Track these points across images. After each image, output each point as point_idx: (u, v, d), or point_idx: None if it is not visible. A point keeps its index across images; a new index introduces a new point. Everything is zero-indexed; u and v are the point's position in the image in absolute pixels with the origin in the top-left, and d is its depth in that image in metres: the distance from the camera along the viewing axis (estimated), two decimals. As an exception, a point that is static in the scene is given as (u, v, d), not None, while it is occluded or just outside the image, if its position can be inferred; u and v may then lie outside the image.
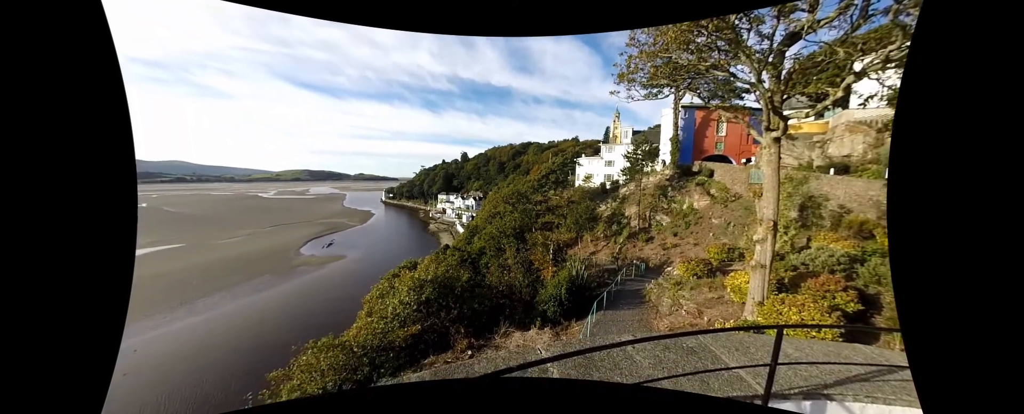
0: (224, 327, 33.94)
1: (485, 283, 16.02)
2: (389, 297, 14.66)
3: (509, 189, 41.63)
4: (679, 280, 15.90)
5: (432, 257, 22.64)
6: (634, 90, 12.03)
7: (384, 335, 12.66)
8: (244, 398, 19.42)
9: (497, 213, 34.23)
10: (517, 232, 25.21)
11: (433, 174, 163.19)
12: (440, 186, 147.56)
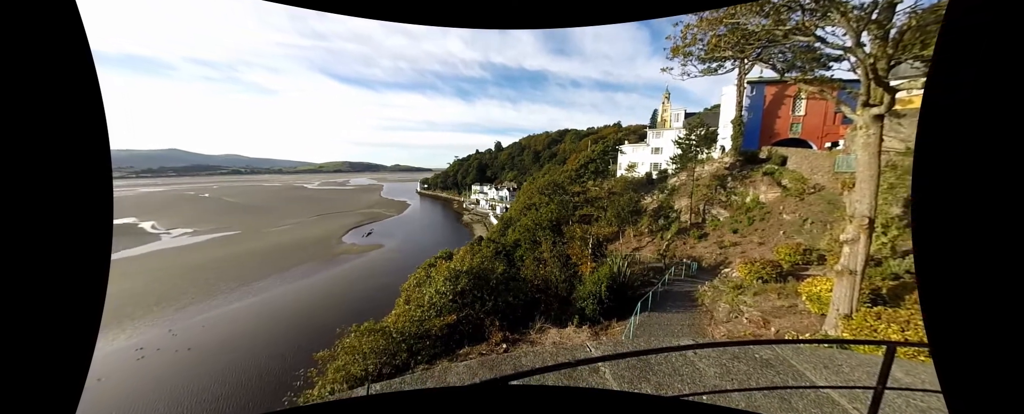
0: (276, 308, 38.22)
1: (520, 276, 16.13)
2: (426, 286, 15.33)
3: (544, 179, 41.14)
4: (740, 283, 14.63)
5: (467, 248, 23.34)
6: (690, 65, 10.95)
7: (421, 323, 13.33)
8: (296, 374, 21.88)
9: (532, 204, 33.99)
10: (553, 225, 24.88)
11: (467, 165, 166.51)
12: (473, 177, 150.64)
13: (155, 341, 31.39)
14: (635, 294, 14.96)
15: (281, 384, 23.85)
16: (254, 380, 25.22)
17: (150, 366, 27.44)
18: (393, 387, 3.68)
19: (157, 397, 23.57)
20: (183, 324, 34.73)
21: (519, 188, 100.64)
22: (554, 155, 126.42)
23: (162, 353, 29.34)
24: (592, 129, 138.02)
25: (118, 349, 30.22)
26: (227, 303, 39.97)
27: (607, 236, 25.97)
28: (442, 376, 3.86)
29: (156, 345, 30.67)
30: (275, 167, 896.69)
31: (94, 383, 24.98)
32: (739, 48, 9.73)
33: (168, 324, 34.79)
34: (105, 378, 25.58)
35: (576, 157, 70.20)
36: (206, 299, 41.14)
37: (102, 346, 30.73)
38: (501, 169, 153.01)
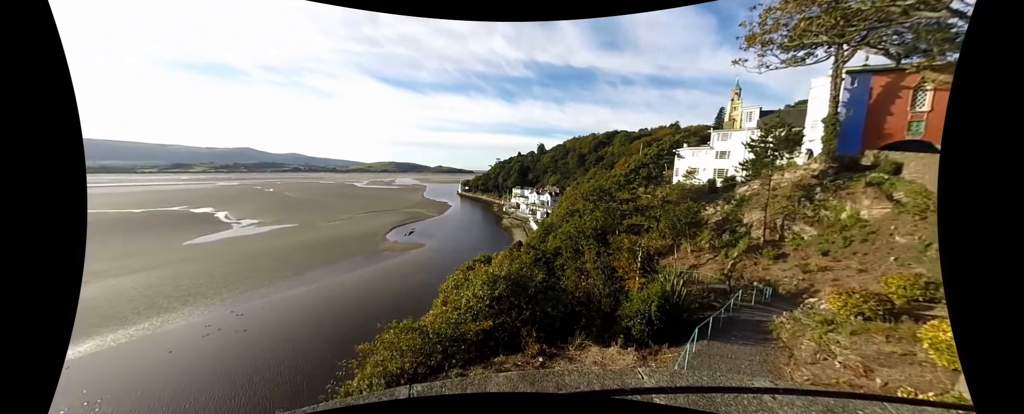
0: (325, 298, 41.77)
1: (559, 286, 15.70)
2: (463, 289, 15.62)
3: (590, 184, 39.93)
4: (831, 318, 12.63)
5: (505, 253, 23.46)
6: (770, 55, 9.85)
7: (457, 326, 13.56)
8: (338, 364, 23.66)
9: (575, 211, 33.05)
10: (598, 233, 23.78)
11: (508, 167, 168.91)
12: (515, 179, 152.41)
13: (220, 320, 36.02)
14: (692, 318, 13.72)
15: (326, 370, 25.93)
16: (303, 364, 27.74)
17: (214, 343, 31.51)
18: (434, 390, 3.69)
19: (218, 372, 26.97)
20: (245, 306, 39.42)
21: (561, 193, 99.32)
22: (601, 159, 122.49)
23: (224, 332, 33.53)
24: (644, 131, 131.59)
25: (189, 325, 35.21)
26: (283, 290, 44.63)
27: (659, 249, 24.22)
28: (482, 385, 3.78)
29: (221, 324, 35.18)
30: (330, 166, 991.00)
31: (166, 355, 29.33)
32: (837, 31, 8.46)
33: (232, 306, 39.74)
34: (176, 351, 29.96)
35: (625, 161, 67.37)
36: (266, 285, 46.37)
37: (176, 321, 36.07)
38: (543, 172, 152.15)
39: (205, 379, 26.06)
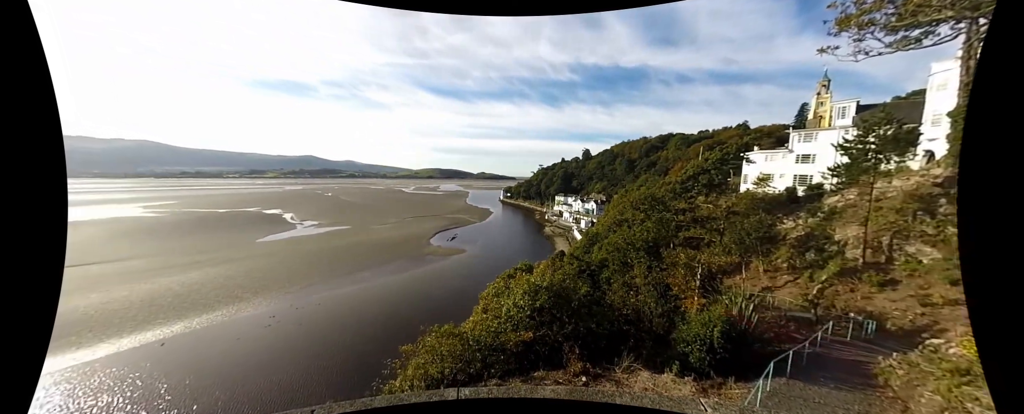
0: (373, 298, 44.54)
1: (605, 301, 14.87)
2: (504, 297, 15.57)
3: (640, 192, 37.71)
4: (966, 367, 10.21)
5: (548, 263, 22.97)
6: (870, 38, 8.38)
7: (497, 335, 13.50)
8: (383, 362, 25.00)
9: (624, 220, 31.10)
10: (650, 246, 21.95)
11: (551, 174, 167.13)
12: (558, 186, 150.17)
13: (281, 312, 40.03)
14: (765, 350, 12.09)
15: (371, 367, 27.53)
16: (350, 360, 29.74)
17: (274, 334, 35.01)
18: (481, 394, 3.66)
19: (274, 361, 29.86)
20: (303, 301, 43.45)
21: (608, 201, 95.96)
22: (653, 164, 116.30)
23: (283, 324, 37.12)
24: (705, 132, 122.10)
25: (256, 315, 39.59)
26: (337, 287, 48.51)
27: (723, 267, 21.79)
28: (528, 394, 3.67)
29: (281, 316, 39.09)
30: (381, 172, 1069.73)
31: (233, 342, 33.21)
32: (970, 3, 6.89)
33: (292, 300, 44.02)
34: (242, 339, 33.79)
35: (681, 166, 62.98)
36: (322, 282, 50.80)
37: (247, 310, 40.79)
38: (588, 179, 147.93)
39: (264, 367, 29.00)
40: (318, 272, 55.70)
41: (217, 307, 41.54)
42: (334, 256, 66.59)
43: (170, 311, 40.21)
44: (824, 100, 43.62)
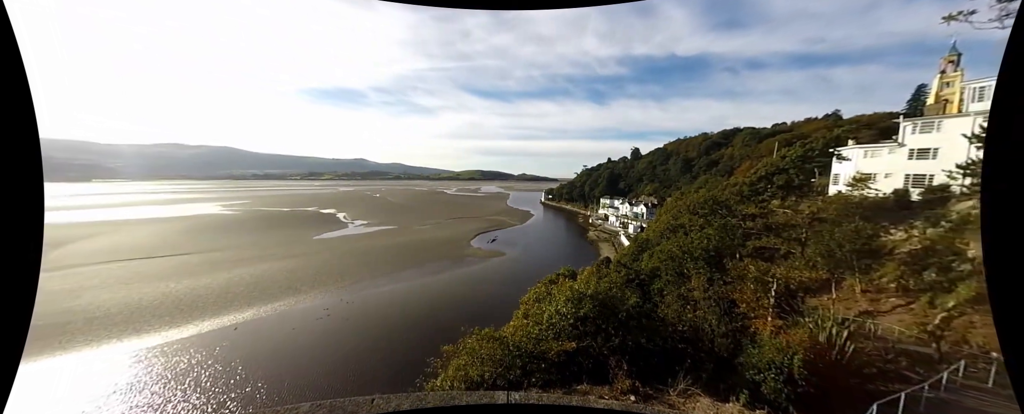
0: (415, 297, 46.63)
1: (656, 314, 13.94)
2: (545, 303, 15.39)
3: (699, 195, 34.52)
4: None
5: (592, 269, 22.14)
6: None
7: (538, 342, 13.36)
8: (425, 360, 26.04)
9: (679, 226, 28.60)
10: (710, 256, 19.66)
11: (596, 175, 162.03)
12: (603, 188, 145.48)
13: (332, 306, 43.37)
14: (864, 387, 10.28)
15: (412, 363, 28.86)
16: (393, 356, 31.41)
17: (324, 326, 37.98)
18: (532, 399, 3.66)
19: (325, 352, 32.37)
20: (352, 296, 46.75)
21: (660, 204, 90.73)
22: (714, 163, 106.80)
23: (334, 318, 40.16)
24: (781, 126, 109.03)
25: (311, 307, 43.28)
26: (383, 285, 51.56)
27: (806, 284, 18.58)
28: (582, 402, 3.61)
29: (333, 310, 42.34)
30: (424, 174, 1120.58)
31: (291, 331, 36.56)
32: None
33: (343, 294, 47.53)
34: (297, 329, 37.08)
35: (751, 166, 57.22)
36: (369, 279, 54.33)
37: (304, 302, 44.79)
38: (638, 180, 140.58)
39: (316, 355, 31.58)
40: (366, 269, 59.66)
41: (280, 297, 46.20)
42: (380, 255, 70.90)
43: (242, 299, 45.52)
44: (951, 79, 35.51)
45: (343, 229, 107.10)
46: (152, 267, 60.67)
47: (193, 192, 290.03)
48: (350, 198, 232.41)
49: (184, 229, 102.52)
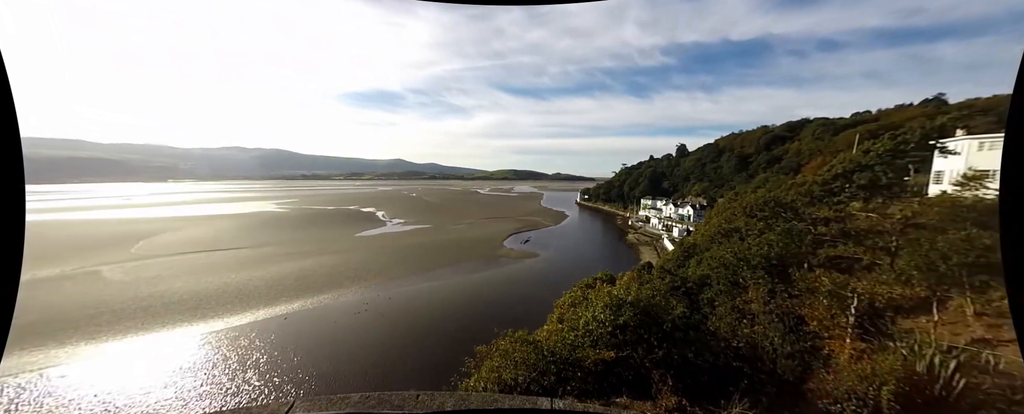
0: (448, 295, 47.72)
1: (706, 327, 12.92)
2: (582, 308, 14.99)
3: (758, 195, 31.29)
4: None
5: (632, 274, 21.15)
6: None
7: (574, 349, 13.04)
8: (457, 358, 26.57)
9: (733, 230, 26.05)
10: (772, 264, 17.34)
11: (636, 174, 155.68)
12: (644, 188, 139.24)
13: (370, 302, 45.54)
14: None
15: (445, 362, 29.60)
16: (426, 353, 32.39)
17: (362, 321, 39.91)
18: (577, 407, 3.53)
19: (362, 347, 34.01)
20: (389, 293, 48.83)
21: (710, 205, 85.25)
22: (776, 160, 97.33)
23: (371, 313, 42.11)
24: (862, 115, 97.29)
25: (351, 302, 45.73)
26: (417, 283, 53.38)
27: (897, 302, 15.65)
28: None
29: (370, 305, 44.46)
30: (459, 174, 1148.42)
31: (333, 324, 38.80)
32: None
33: (380, 290, 49.78)
34: (338, 323, 39.27)
35: (822, 162, 51.18)
36: (405, 276, 56.49)
37: (345, 297, 47.44)
38: (684, 180, 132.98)
39: (355, 348, 33.30)
40: (403, 267, 62.12)
41: (324, 291, 49.41)
42: (416, 253, 73.47)
43: (291, 291, 49.27)
44: None
45: (382, 227, 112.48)
46: (216, 259, 67.60)
47: (251, 191, 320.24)
48: (388, 197, 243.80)
49: (243, 225, 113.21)
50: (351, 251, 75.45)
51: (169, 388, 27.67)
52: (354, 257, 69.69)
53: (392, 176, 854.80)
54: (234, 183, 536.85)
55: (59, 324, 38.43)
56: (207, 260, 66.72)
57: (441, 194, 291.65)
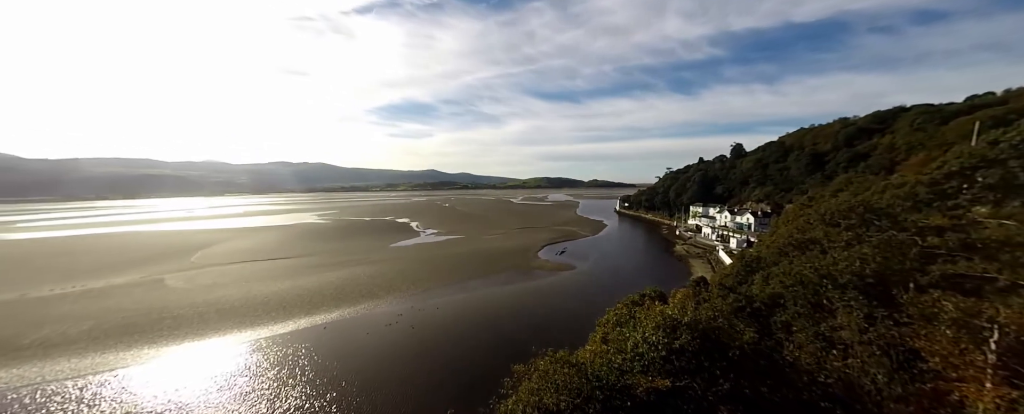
0: (481, 308, 47.53)
1: (782, 357, 11.31)
2: (628, 328, 14.04)
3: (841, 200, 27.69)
4: None
5: (687, 292, 19.47)
6: None
7: (622, 374, 12.15)
8: (489, 375, 26.12)
9: (809, 241, 22.75)
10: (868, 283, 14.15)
11: (684, 178, 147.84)
12: (693, 194, 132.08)
13: (402, 313, 46.44)
14: None
15: (480, 375, 29.32)
16: (463, 362, 32.37)
17: (392, 333, 40.60)
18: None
19: (400, 355, 34.47)
20: (422, 304, 49.58)
21: (776, 213, 79.30)
22: (861, 157, 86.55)
23: (401, 326, 42.78)
24: (983, 98, 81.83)
25: (384, 313, 46.83)
26: (451, 294, 53.85)
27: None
28: None
29: (402, 316, 45.30)
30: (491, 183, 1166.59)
31: (366, 336, 39.75)
32: None
33: (412, 301, 50.67)
34: (370, 333, 40.23)
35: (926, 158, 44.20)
36: (439, 287, 57.27)
37: (379, 307, 48.77)
38: (741, 183, 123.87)
39: (390, 359, 33.83)
40: (436, 278, 63.09)
41: (360, 301, 51.24)
42: (449, 264, 74.48)
43: (330, 301, 51.61)
44: None
45: (416, 238, 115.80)
46: (263, 269, 72.80)
47: (295, 203, 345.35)
48: (422, 208, 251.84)
49: (287, 236, 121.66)
50: (386, 262, 78.07)
51: (223, 391, 29.66)
52: (389, 267, 71.98)
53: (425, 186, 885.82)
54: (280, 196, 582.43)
55: (128, 328, 42.92)
56: (255, 270, 72.03)
57: (474, 203, 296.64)
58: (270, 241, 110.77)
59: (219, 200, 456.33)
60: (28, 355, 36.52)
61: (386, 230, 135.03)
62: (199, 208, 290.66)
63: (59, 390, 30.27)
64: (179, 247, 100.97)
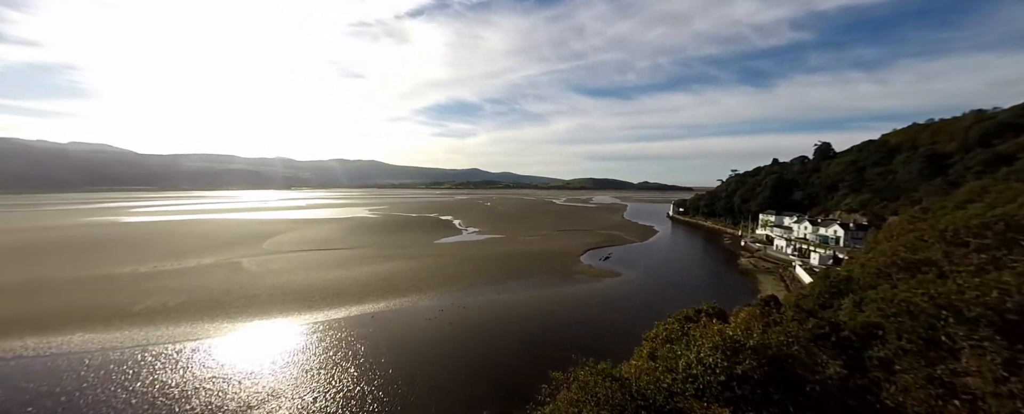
0: (518, 310, 47.40)
1: (879, 398, 9.42)
2: (680, 346, 13.05)
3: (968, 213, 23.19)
4: None
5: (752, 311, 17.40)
6: None
7: (671, 395, 11.28)
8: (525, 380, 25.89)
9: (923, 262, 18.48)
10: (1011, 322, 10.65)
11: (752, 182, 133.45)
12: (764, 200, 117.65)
13: (442, 309, 47.65)
14: None
15: (516, 378, 29.32)
16: (500, 363, 32.77)
17: (432, 328, 41.72)
18: None
19: (440, 349, 35.41)
20: (461, 301, 50.61)
21: (875, 226, 69.35)
22: (1003, 160, 71.33)
23: (441, 321, 43.87)
24: None
25: (425, 307, 48.39)
26: (487, 294, 54.43)
27: None
28: None
29: (442, 312, 46.51)
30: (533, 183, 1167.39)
31: (409, 328, 41.31)
32: None
33: (452, 298, 51.84)
34: (410, 327, 41.71)
35: None
36: (478, 286, 58.18)
37: (422, 302, 50.54)
38: (827, 189, 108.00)
39: (431, 351, 34.90)
40: (476, 276, 64.21)
41: (406, 294, 53.66)
42: (489, 263, 75.42)
43: (379, 291, 54.68)
44: None
45: (458, 235, 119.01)
46: (322, 258, 79.16)
47: (350, 198, 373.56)
48: (464, 206, 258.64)
49: (344, 228, 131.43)
50: (430, 257, 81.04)
51: (288, 367, 32.75)
52: (431, 263, 74.62)
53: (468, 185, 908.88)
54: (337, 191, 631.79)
55: (212, 304, 48.89)
56: (314, 258, 78.54)
57: (515, 203, 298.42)
58: (328, 232, 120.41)
59: (288, 193, 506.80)
60: (138, 320, 43.13)
61: (430, 227, 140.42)
62: (272, 200, 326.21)
63: (161, 352, 35.57)
64: (255, 234, 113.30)
